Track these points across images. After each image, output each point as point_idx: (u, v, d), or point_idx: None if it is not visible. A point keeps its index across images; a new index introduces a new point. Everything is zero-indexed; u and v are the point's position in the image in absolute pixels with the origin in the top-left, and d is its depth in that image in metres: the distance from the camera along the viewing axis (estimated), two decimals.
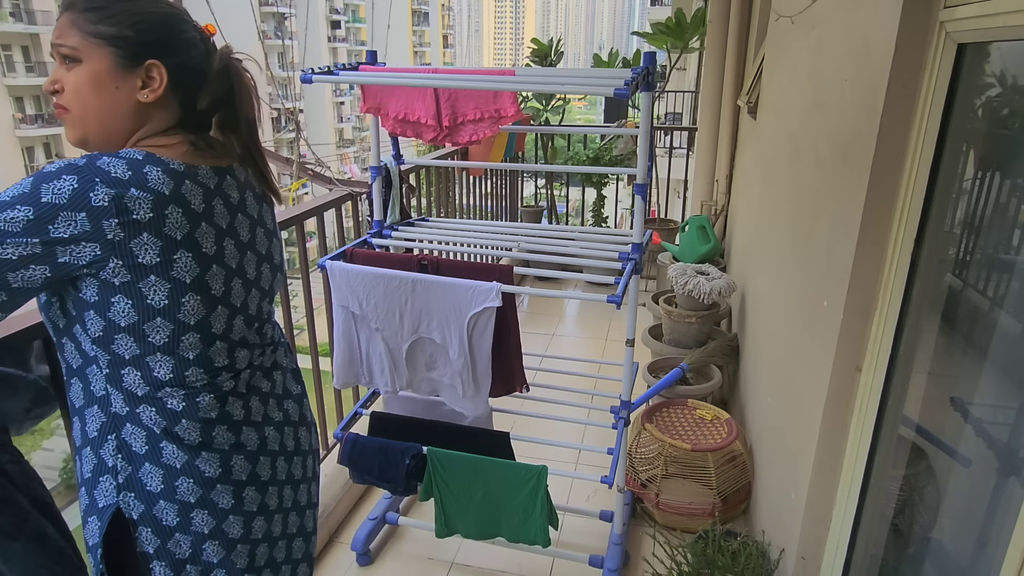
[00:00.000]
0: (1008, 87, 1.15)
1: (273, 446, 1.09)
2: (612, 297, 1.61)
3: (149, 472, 0.96)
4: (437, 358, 1.81)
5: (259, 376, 1.08)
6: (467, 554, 2.16)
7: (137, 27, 0.92)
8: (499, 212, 4.50)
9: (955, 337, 1.28)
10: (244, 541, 1.04)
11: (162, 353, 0.92)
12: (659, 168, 4.89)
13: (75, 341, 0.93)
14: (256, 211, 1.07)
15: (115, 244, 0.85)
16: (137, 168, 0.88)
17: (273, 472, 1.09)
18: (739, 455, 2.26)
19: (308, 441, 1.20)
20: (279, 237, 1.16)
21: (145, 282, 0.88)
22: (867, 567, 1.51)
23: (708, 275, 2.94)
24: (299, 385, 1.22)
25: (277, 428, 1.11)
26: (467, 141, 1.86)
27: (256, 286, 1.05)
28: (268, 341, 1.11)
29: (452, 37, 62.76)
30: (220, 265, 0.96)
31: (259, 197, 1.09)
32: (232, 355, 1.01)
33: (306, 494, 1.19)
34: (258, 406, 1.07)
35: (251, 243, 1.04)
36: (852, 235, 1.39)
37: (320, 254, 2.08)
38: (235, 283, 0.99)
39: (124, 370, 0.92)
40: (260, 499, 1.06)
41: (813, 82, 1.90)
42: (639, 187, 1.71)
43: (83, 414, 0.96)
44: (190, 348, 0.94)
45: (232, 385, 1.02)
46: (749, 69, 3.51)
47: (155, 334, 0.91)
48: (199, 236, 0.93)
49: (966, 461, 1.22)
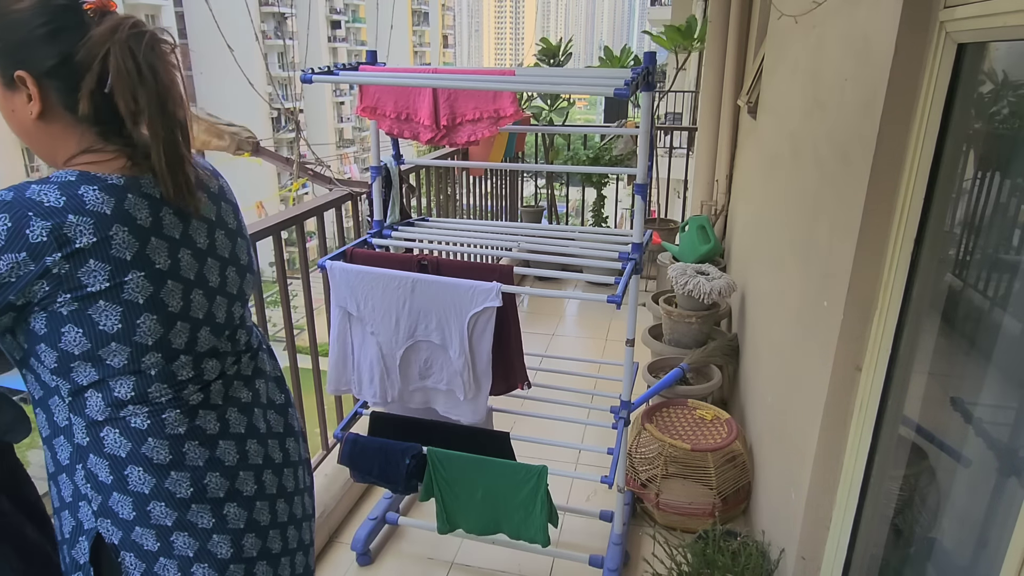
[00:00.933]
0: (1008, 87, 1.15)
1: (256, 459, 1.03)
2: (612, 297, 1.61)
3: (119, 501, 0.91)
4: (433, 363, 1.79)
5: (237, 386, 1.03)
6: (467, 554, 2.16)
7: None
8: (499, 212, 4.50)
9: (955, 337, 1.28)
10: (237, 560, 0.99)
11: (122, 374, 0.88)
12: (659, 168, 4.88)
13: (34, 373, 0.89)
14: (213, 213, 0.99)
15: (62, 277, 0.81)
16: (71, 191, 0.82)
17: (259, 486, 1.03)
18: (739, 455, 2.26)
19: (297, 452, 1.14)
20: (245, 235, 1.08)
21: (95, 308, 0.83)
22: (867, 567, 1.51)
23: (708, 275, 2.93)
24: (283, 394, 1.15)
25: (261, 440, 1.05)
26: (465, 142, 1.86)
27: (221, 293, 0.99)
28: (243, 347, 1.05)
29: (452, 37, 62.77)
30: (176, 279, 0.90)
31: (216, 196, 1.01)
32: (199, 367, 0.95)
33: (301, 506, 1.14)
34: (238, 418, 1.01)
35: (210, 249, 0.97)
36: (852, 235, 1.39)
37: (320, 254, 2.08)
38: (195, 295, 0.93)
39: (86, 394, 0.88)
40: (247, 515, 1.00)
41: (813, 82, 1.90)
42: (639, 187, 1.71)
43: (51, 444, 0.93)
44: (152, 366, 0.89)
45: (201, 398, 0.96)
46: (749, 69, 3.51)
47: (112, 358, 0.86)
48: (150, 252, 0.87)
49: (966, 461, 1.22)
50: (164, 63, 0.87)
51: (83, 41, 0.83)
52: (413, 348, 1.78)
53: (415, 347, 1.78)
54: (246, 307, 1.08)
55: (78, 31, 0.84)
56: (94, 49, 0.83)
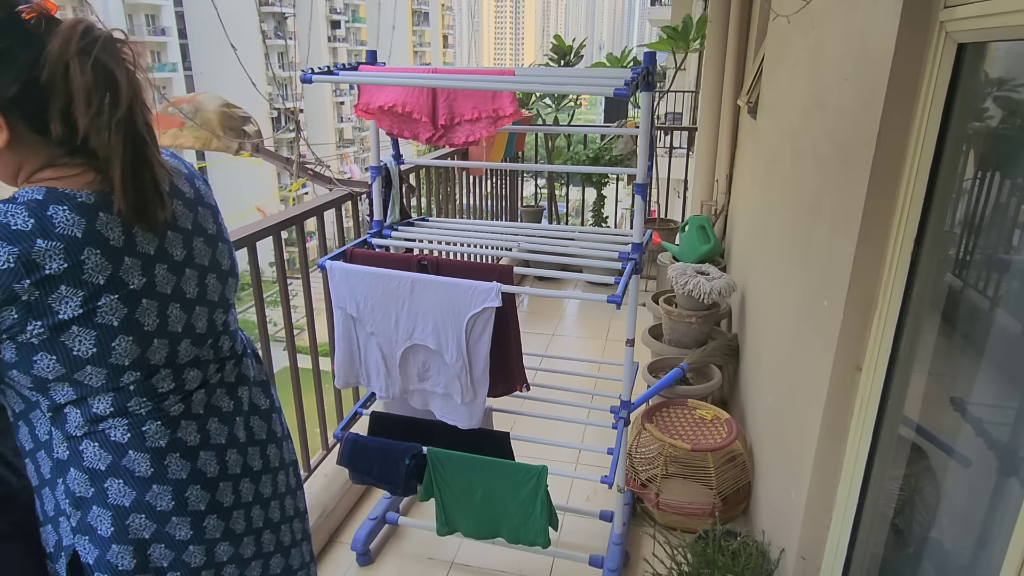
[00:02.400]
0: (1008, 87, 1.15)
1: (235, 469, 1.02)
2: (612, 297, 1.61)
3: (98, 516, 0.89)
4: (430, 367, 1.79)
5: (220, 394, 1.01)
6: (467, 554, 2.16)
7: None
8: (499, 212, 4.50)
9: (955, 337, 1.28)
10: (208, 567, 0.98)
11: (101, 392, 0.86)
12: (659, 168, 4.88)
13: (12, 388, 0.87)
14: (189, 221, 0.96)
15: (31, 305, 0.77)
16: (39, 212, 0.78)
17: (236, 496, 1.02)
18: (739, 455, 2.26)
19: (279, 457, 1.13)
20: (225, 238, 1.04)
21: (67, 335, 0.80)
22: (867, 567, 1.51)
23: (708, 275, 2.94)
24: (267, 399, 1.13)
25: (240, 450, 1.03)
26: (463, 142, 1.86)
27: (201, 303, 0.96)
28: (226, 354, 1.03)
29: (452, 37, 62.77)
30: (151, 297, 0.88)
31: (192, 202, 0.97)
32: (180, 378, 0.93)
33: (279, 510, 1.12)
34: (218, 428, 0.99)
35: (188, 260, 0.94)
36: (852, 235, 1.39)
37: (320, 254, 2.08)
38: (172, 309, 0.91)
39: (65, 410, 0.87)
40: (224, 525, 1.00)
41: (813, 82, 1.90)
42: (639, 187, 1.71)
43: (34, 457, 0.91)
44: (131, 383, 0.87)
45: (182, 408, 0.94)
46: (749, 69, 3.51)
47: (89, 379, 0.84)
48: (124, 273, 0.84)
49: (966, 461, 1.22)
50: (124, 66, 0.82)
51: (41, 60, 0.77)
52: (412, 349, 1.78)
53: (413, 348, 1.78)
54: (230, 312, 1.06)
55: (27, 46, 0.78)
56: (54, 67, 0.77)
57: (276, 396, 1.18)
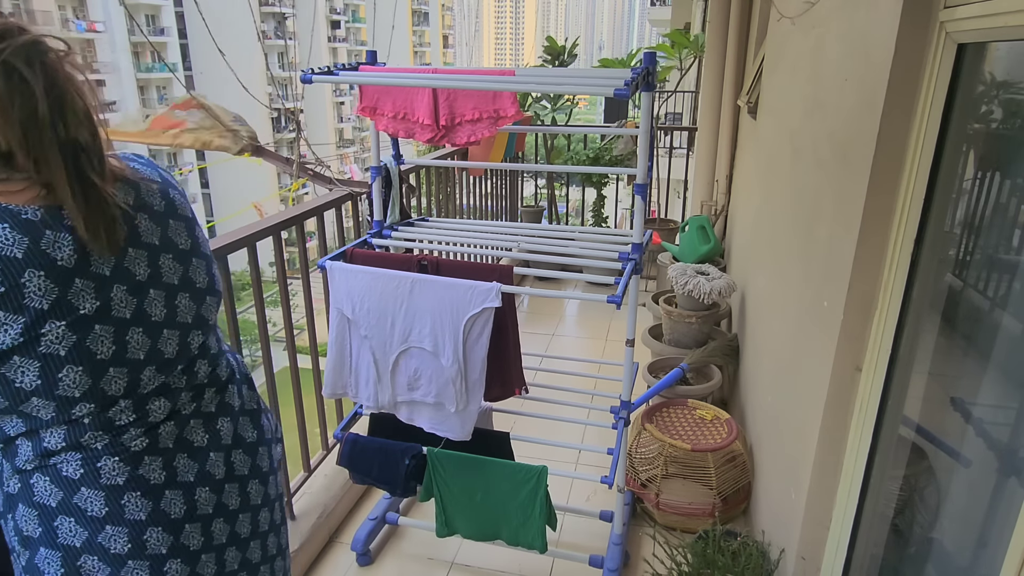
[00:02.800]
0: (1008, 87, 1.15)
1: (206, 509, 0.93)
2: (612, 297, 1.61)
3: (46, 558, 0.82)
4: (422, 374, 1.74)
5: (195, 425, 0.92)
6: (467, 554, 2.16)
7: None
8: (499, 212, 4.50)
9: (955, 337, 1.28)
10: None
11: (52, 425, 0.80)
12: (659, 168, 4.88)
13: None
14: (156, 236, 0.87)
15: None
16: None
17: (207, 538, 0.93)
18: (739, 455, 2.26)
19: (262, 494, 1.03)
20: (203, 254, 0.95)
21: (8, 366, 0.74)
22: (867, 567, 1.51)
23: (708, 275, 2.94)
24: (255, 430, 1.03)
25: (215, 487, 0.94)
26: (464, 142, 1.86)
27: (169, 325, 0.88)
28: (203, 381, 0.95)
29: (452, 37, 62.76)
30: (105, 323, 0.80)
31: (160, 216, 0.88)
32: (143, 409, 0.86)
33: (259, 550, 1.03)
34: (187, 464, 0.91)
35: (154, 279, 0.86)
36: (852, 235, 1.39)
37: (320, 254, 2.08)
38: (132, 335, 0.83)
39: (17, 442, 0.81)
40: (190, 570, 0.91)
41: (813, 82, 1.90)
42: (639, 187, 1.71)
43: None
44: (84, 416, 0.80)
45: (146, 443, 0.86)
46: (749, 69, 3.51)
47: (37, 412, 0.78)
48: (72, 297, 0.77)
49: (966, 461, 1.22)
50: (55, 76, 0.75)
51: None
52: (405, 355, 1.74)
53: (407, 354, 1.74)
54: (210, 334, 0.98)
55: None
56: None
57: (270, 426, 1.09)
